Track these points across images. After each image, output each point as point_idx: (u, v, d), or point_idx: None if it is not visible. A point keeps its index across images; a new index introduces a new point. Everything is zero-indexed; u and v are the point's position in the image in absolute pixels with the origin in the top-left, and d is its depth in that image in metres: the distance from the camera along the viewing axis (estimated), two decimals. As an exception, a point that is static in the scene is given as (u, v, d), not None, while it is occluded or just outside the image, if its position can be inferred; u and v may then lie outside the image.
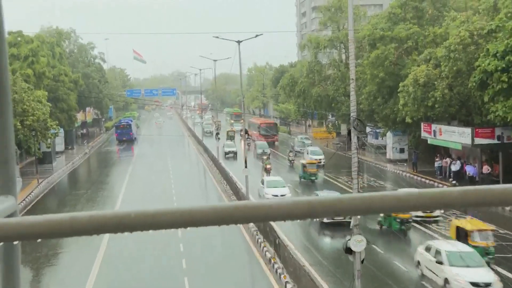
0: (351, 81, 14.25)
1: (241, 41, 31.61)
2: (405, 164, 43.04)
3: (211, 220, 1.27)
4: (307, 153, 46.23)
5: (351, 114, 14.00)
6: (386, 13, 45.06)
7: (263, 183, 32.21)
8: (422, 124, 38.94)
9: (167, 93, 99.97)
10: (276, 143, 60.53)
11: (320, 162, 42.08)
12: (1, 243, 1.38)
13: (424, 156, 41.09)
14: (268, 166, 39.88)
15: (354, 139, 14.57)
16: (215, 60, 55.92)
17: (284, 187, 31.49)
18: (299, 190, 35.61)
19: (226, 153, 51.28)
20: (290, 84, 61.51)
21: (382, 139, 49.11)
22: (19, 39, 48.22)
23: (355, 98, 14.43)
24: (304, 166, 37.87)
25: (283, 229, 24.05)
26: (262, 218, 1.28)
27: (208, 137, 64.21)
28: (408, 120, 37.53)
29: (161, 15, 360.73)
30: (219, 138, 50.34)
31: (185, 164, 51.25)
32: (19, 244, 1.47)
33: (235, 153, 50.93)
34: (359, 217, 14.70)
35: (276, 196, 29.20)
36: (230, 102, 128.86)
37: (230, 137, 61.18)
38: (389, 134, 45.43)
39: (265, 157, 43.50)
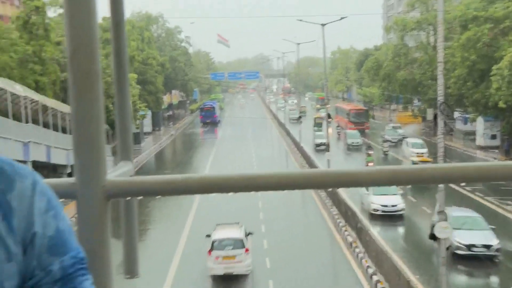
0: (439, 64, 13.83)
1: (326, 24, 31.35)
2: (497, 151, 41.09)
3: (303, 184, 1.44)
4: (407, 145, 40.80)
5: (438, 98, 13.59)
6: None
7: (367, 189, 25.17)
8: (517, 109, 36.95)
9: (250, 76, 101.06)
10: (367, 131, 56.40)
11: (423, 156, 35.73)
12: (128, 198, 1.62)
13: (518, 143, 39.03)
14: (371, 164, 33.54)
15: (440, 124, 14.13)
16: (298, 43, 55.69)
17: (395, 194, 25.22)
18: (415, 198, 28.50)
19: (316, 145, 45.83)
20: (374, 68, 60.20)
21: (471, 124, 47.07)
22: (111, 24, 50.60)
23: (443, 82, 13.97)
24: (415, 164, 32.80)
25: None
26: (350, 184, 1.43)
27: (293, 123, 60.50)
28: (501, 105, 35.69)
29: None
30: (301, 122, 50.23)
31: (267, 147, 51.84)
32: (137, 200, 1.71)
33: (327, 145, 46.74)
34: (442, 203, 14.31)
35: (386, 207, 24.55)
36: (313, 85, 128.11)
37: (318, 125, 55.90)
38: (479, 119, 43.46)
39: (369, 152, 37.25)
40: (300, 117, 52.69)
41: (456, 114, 50.77)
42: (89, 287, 1.27)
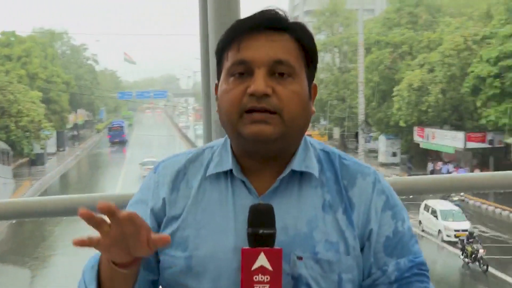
0: (360, 83, 14.48)
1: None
2: (397, 168, 43.47)
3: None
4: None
5: (360, 117, 14.15)
6: (381, 18, 45.57)
7: None
8: (415, 128, 39.41)
9: (158, 95, 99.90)
10: None
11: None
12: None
13: (415, 160, 41.61)
14: None
15: (361, 141, 14.69)
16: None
17: None
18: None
19: None
20: (283, 88, 61.73)
21: (374, 142, 49.55)
22: (12, 39, 48.14)
23: (364, 101, 14.64)
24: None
25: None
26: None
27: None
28: (401, 124, 37.96)
29: (150, 15, 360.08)
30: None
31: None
32: None
33: None
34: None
35: None
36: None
37: None
38: (381, 137, 45.86)
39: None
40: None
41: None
42: None
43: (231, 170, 1.25)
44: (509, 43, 30.82)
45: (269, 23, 1.22)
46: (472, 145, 33.35)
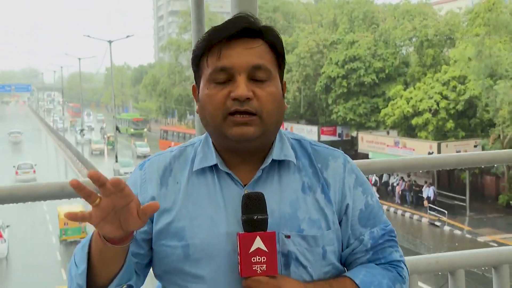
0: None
1: (113, 41, 30.64)
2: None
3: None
4: None
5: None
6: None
7: None
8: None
9: (21, 89, 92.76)
10: None
11: None
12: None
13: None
14: None
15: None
16: (79, 58, 53.02)
17: None
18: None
19: None
20: (152, 84, 60.73)
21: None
22: None
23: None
24: None
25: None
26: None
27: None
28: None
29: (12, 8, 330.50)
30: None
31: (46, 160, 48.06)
32: None
33: None
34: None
35: None
36: (88, 100, 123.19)
37: None
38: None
39: None
40: (82, 130, 48.78)
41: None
42: (398, 258, 1.35)
43: (215, 164, 1.31)
44: (352, 49, 33.45)
45: (245, 30, 1.26)
46: (325, 138, 35.57)
